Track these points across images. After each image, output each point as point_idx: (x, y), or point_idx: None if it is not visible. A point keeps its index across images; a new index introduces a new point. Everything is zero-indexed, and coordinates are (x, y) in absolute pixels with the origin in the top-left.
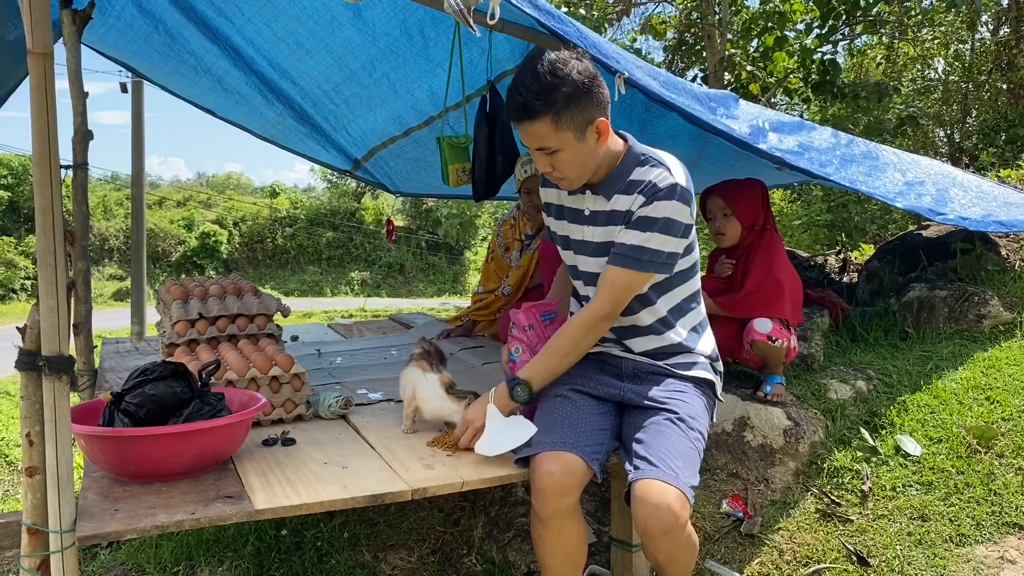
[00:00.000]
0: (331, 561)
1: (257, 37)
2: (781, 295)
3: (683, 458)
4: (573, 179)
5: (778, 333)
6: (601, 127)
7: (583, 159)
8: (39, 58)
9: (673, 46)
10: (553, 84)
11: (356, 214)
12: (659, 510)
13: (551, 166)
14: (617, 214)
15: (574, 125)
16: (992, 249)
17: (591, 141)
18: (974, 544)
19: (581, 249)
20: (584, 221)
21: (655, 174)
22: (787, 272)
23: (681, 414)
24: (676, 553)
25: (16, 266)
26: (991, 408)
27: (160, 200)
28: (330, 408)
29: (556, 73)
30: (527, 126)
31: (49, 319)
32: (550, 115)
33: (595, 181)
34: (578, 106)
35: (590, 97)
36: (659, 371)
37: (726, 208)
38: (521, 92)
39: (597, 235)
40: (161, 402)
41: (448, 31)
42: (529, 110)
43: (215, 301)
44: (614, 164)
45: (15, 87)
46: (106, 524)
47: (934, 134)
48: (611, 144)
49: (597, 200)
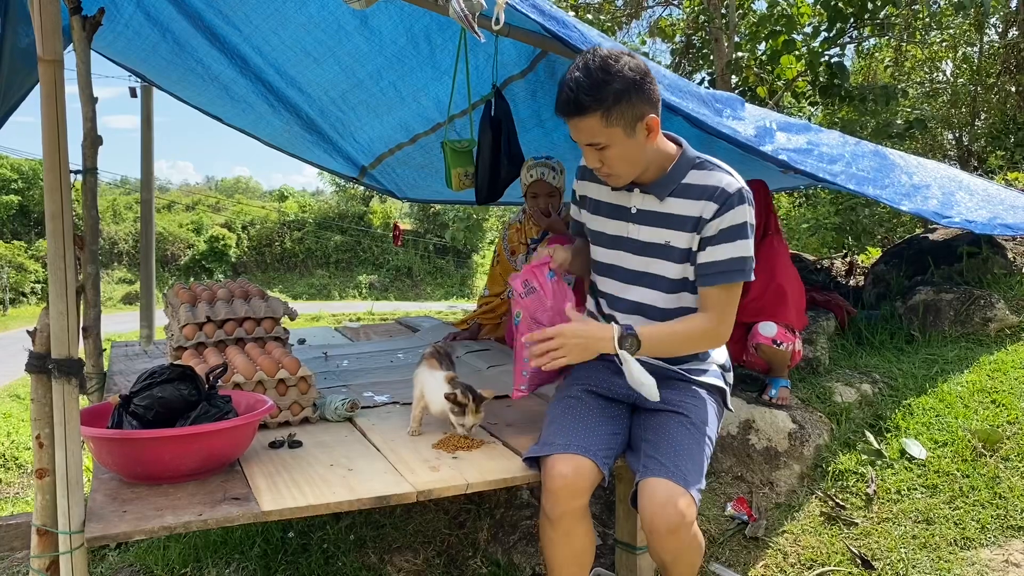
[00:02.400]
0: (337, 563)
1: (264, 45)
2: (784, 302)
3: (692, 460)
4: (622, 175)
5: (783, 337)
6: (651, 124)
7: (633, 156)
8: (49, 65)
9: (680, 49)
10: (604, 80)
11: (364, 218)
12: (666, 508)
13: (600, 162)
14: (677, 218)
15: (624, 121)
16: (998, 253)
17: (641, 138)
18: (979, 547)
19: (622, 246)
20: (630, 219)
21: (722, 180)
22: (789, 277)
23: (693, 418)
24: (682, 553)
25: (26, 270)
26: (997, 412)
27: (169, 204)
28: (336, 411)
29: (607, 69)
30: (577, 121)
31: (59, 322)
32: (600, 111)
33: (645, 180)
34: (628, 102)
35: (641, 93)
36: (672, 375)
37: None
38: (572, 88)
39: (644, 234)
40: (169, 405)
41: (454, 37)
42: (579, 105)
43: (223, 305)
44: (665, 165)
45: (26, 94)
46: (114, 525)
47: (942, 137)
48: (661, 143)
49: (647, 199)
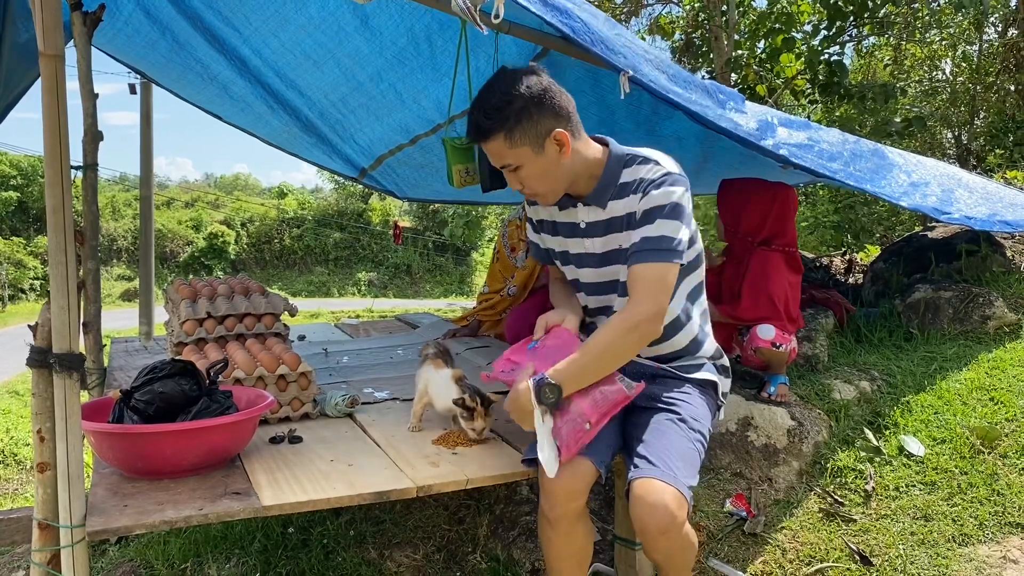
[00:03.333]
0: (337, 558)
1: (264, 47)
2: (775, 311)
3: (682, 458)
4: (544, 193)
5: (781, 339)
6: (559, 138)
7: (548, 172)
8: (50, 60)
9: (680, 47)
10: (503, 102)
11: (363, 215)
12: (656, 509)
13: (519, 183)
14: (618, 220)
15: (529, 139)
16: (997, 251)
17: (552, 154)
18: (977, 544)
19: (583, 262)
20: (581, 234)
21: (645, 170)
22: (779, 284)
23: (683, 415)
24: (674, 552)
25: (25, 266)
26: (995, 409)
27: (168, 201)
28: (336, 407)
29: (505, 91)
30: (485, 146)
31: (60, 317)
32: (502, 132)
33: (584, 193)
34: (530, 120)
35: (542, 109)
36: (663, 373)
37: (720, 215)
38: (474, 113)
39: (598, 246)
40: (170, 400)
41: (455, 37)
42: (481, 130)
43: (223, 300)
44: (596, 172)
45: (27, 89)
46: (115, 519)
47: (941, 135)
48: (585, 152)
49: (591, 211)
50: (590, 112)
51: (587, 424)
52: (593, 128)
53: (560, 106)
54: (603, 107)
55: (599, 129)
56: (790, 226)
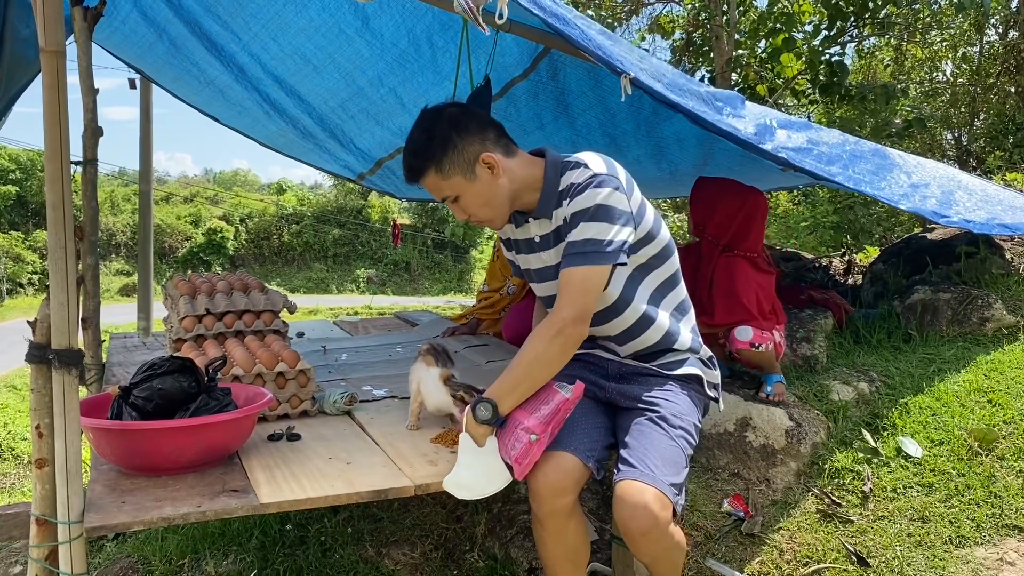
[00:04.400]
0: (335, 556)
1: (263, 53)
2: (749, 313)
3: (663, 457)
4: (491, 218)
5: (760, 338)
6: (487, 160)
7: (486, 197)
8: (51, 56)
9: (681, 46)
10: (426, 139)
11: (362, 212)
12: (637, 510)
13: (463, 212)
14: (563, 227)
15: (458, 168)
16: (996, 253)
17: (485, 177)
18: (974, 546)
19: (544, 276)
20: (536, 249)
21: (575, 175)
22: (747, 288)
23: (663, 412)
24: (660, 554)
25: (23, 261)
26: (993, 411)
27: (167, 196)
28: (335, 404)
29: (427, 127)
30: (422, 184)
31: (59, 313)
32: (432, 166)
33: (530, 208)
34: (454, 149)
35: (465, 136)
36: (644, 372)
37: (691, 214)
38: (405, 157)
39: (552, 257)
40: (168, 396)
41: (456, 38)
42: (413, 170)
43: (222, 297)
44: (538, 184)
45: (27, 84)
46: (113, 516)
47: (941, 136)
48: (519, 169)
49: (541, 224)
50: (590, 114)
51: (532, 435)
52: (595, 129)
53: (482, 128)
54: (604, 109)
55: (600, 130)
56: (755, 232)
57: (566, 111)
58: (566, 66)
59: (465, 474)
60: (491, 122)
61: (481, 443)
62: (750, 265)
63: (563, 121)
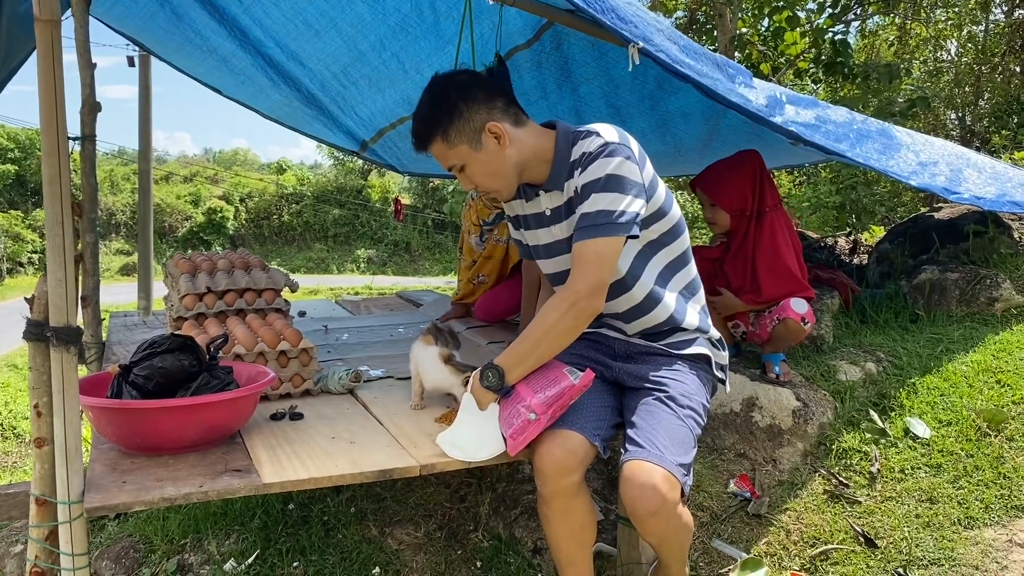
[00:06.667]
0: (338, 536)
1: (265, 17)
2: (795, 281)
3: (671, 437)
4: (498, 189)
5: (810, 316)
6: (494, 130)
7: (493, 167)
8: (46, 25)
9: (684, 24)
10: (433, 106)
11: (362, 192)
12: (645, 491)
13: (469, 182)
14: (572, 200)
15: (464, 137)
16: (1005, 232)
17: (491, 147)
18: (983, 527)
19: (553, 252)
20: (547, 222)
21: (587, 144)
22: (790, 251)
23: (671, 392)
24: (667, 534)
25: (23, 239)
26: (1001, 391)
27: (167, 175)
28: (340, 380)
29: (435, 95)
30: (429, 151)
31: (57, 290)
32: (438, 134)
33: (541, 180)
34: (461, 117)
35: (469, 105)
36: (652, 351)
37: (710, 199)
38: (414, 123)
39: (564, 230)
40: (169, 375)
41: (459, 3)
42: (420, 137)
43: (223, 275)
44: (549, 156)
45: (24, 59)
46: (114, 496)
47: (945, 116)
48: (528, 139)
49: (552, 196)
50: (594, 85)
51: (532, 414)
52: (597, 101)
53: (490, 97)
54: (607, 80)
55: (603, 102)
56: (768, 186)
57: (569, 79)
58: (569, 37)
59: (461, 433)
60: (501, 91)
61: (483, 407)
62: (783, 219)
63: (566, 90)
